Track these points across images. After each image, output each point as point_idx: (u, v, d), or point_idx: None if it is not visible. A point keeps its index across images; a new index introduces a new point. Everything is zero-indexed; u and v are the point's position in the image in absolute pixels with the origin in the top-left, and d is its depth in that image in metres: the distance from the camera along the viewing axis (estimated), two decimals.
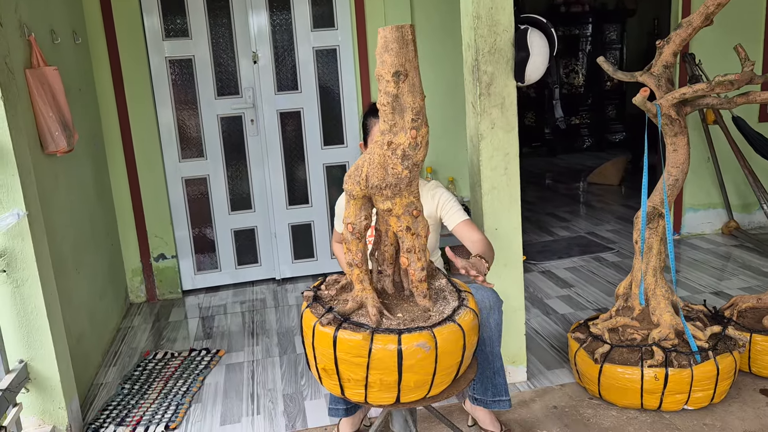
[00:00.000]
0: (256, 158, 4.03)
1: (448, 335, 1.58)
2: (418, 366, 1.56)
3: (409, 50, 1.55)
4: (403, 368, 1.55)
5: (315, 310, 1.69)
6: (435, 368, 1.59)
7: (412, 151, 1.62)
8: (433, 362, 1.57)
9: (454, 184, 4.20)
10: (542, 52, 2.39)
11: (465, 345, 1.62)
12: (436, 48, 4.06)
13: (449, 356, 1.60)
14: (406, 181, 1.64)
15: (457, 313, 1.65)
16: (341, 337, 1.56)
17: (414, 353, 1.54)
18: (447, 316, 1.64)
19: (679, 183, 2.40)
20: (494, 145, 2.44)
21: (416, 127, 1.59)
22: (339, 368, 1.60)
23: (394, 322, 1.63)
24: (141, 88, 3.76)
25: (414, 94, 1.58)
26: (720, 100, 2.31)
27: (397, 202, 1.66)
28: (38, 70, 2.56)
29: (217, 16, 3.82)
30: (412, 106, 1.59)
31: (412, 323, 1.62)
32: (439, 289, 1.79)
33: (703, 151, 4.41)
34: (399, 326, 1.60)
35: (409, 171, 1.62)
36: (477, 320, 1.67)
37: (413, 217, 1.67)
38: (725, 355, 2.33)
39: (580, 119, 8.65)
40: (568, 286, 3.77)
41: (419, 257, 1.69)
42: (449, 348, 1.59)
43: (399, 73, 1.55)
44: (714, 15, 2.19)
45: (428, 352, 1.56)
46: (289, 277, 4.20)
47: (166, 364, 3.08)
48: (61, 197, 2.80)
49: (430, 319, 1.63)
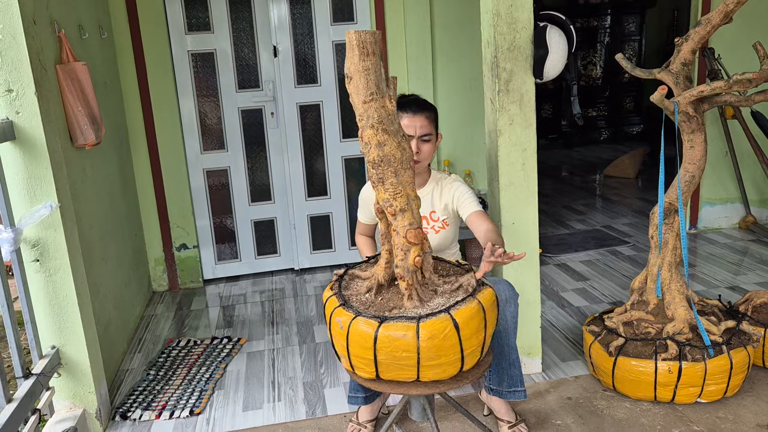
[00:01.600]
0: (275, 150, 4.09)
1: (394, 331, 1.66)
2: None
3: (354, 54, 1.65)
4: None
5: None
6: (418, 361, 1.68)
7: (364, 149, 1.72)
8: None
9: (471, 177, 4.24)
10: (561, 50, 2.42)
11: (419, 349, 1.66)
12: (456, 42, 4.09)
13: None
14: (375, 177, 1.74)
15: (423, 320, 1.67)
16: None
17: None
18: (407, 316, 1.70)
19: (695, 179, 2.42)
20: (512, 140, 2.48)
21: (362, 127, 1.70)
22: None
23: (368, 301, 1.81)
24: (164, 81, 3.84)
25: (358, 96, 1.68)
26: (738, 98, 2.32)
27: (376, 194, 1.77)
28: (68, 65, 2.63)
29: (238, 9, 3.88)
30: (356, 106, 1.69)
31: (368, 309, 1.77)
32: (457, 283, 1.84)
33: (721, 146, 4.40)
34: (362, 308, 1.76)
35: (373, 168, 1.71)
36: (451, 330, 1.67)
37: (390, 215, 1.74)
38: (739, 349, 2.36)
39: (598, 111, 8.62)
40: (584, 279, 3.80)
41: (396, 254, 1.76)
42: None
43: (347, 76, 1.70)
44: (733, 13, 2.20)
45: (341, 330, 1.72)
46: (307, 267, 4.27)
47: (189, 352, 3.17)
48: (88, 189, 2.88)
49: (396, 311, 1.75)
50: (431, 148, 2.27)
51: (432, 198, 2.33)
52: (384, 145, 1.71)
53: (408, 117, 2.23)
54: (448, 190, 2.32)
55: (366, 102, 1.70)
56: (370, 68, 1.69)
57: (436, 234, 2.32)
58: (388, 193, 1.74)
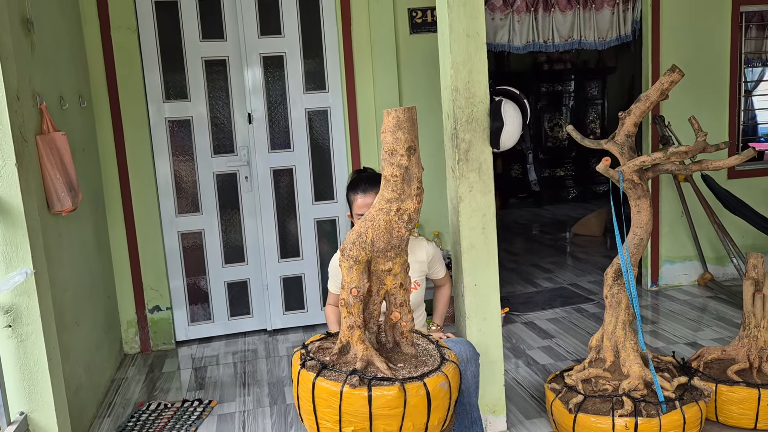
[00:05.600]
0: (249, 213, 4.20)
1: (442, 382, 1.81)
2: (442, 405, 1.80)
3: (416, 128, 1.81)
4: (432, 408, 1.77)
5: (330, 375, 1.77)
6: (450, 403, 1.84)
7: (416, 215, 1.85)
8: (448, 398, 1.82)
9: (440, 238, 4.38)
10: (515, 122, 2.60)
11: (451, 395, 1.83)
12: (422, 109, 4.26)
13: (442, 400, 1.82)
14: (406, 241, 1.87)
15: (444, 363, 1.85)
16: (377, 395, 1.70)
17: (439, 392, 1.78)
18: (438, 364, 1.84)
19: (643, 242, 2.58)
20: (473, 206, 2.63)
21: (419, 194, 1.83)
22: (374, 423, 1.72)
23: (404, 370, 1.81)
24: (141, 147, 3.96)
25: (419, 165, 1.84)
26: (678, 167, 2.51)
27: (398, 261, 1.86)
28: (48, 135, 2.74)
29: (214, 78, 4.05)
30: (417, 175, 1.83)
31: (419, 369, 1.83)
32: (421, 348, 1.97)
33: (678, 206, 4.62)
34: (413, 374, 1.80)
35: (408, 232, 1.86)
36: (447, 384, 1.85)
37: (406, 273, 1.89)
38: (691, 404, 2.47)
39: (565, 171, 8.93)
40: (550, 337, 3.91)
41: (408, 309, 1.90)
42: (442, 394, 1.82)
43: (411, 148, 1.79)
44: (668, 91, 2.41)
45: (447, 389, 1.80)
46: (280, 328, 4.32)
47: (159, 415, 3.17)
48: (63, 254, 2.95)
49: (428, 365, 1.85)
50: None
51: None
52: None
53: (360, 197, 2.40)
54: (420, 248, 2.50)
55: (421, 171, 1.85)
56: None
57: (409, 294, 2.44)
58: (405, 254, 1.95)
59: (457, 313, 2.77)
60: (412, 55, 4.28)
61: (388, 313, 1.94)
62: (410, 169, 1.82)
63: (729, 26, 4.57)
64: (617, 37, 4.56)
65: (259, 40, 4.06)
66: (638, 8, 4.51)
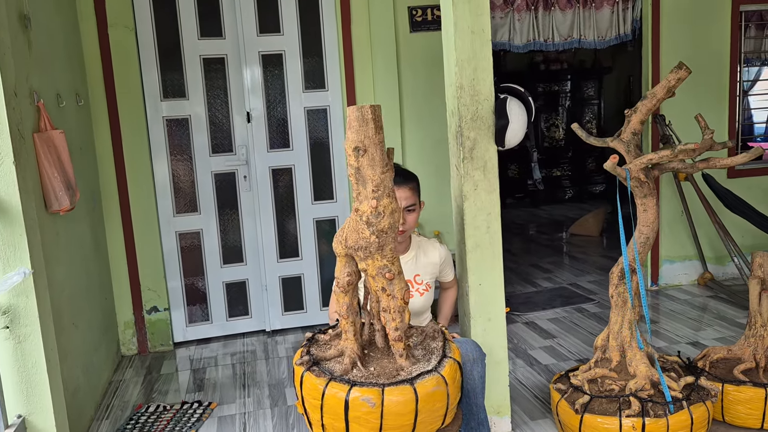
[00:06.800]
0: (248, 212, 4.16)
1: (399, 396, 1.68)
2: (363, 419, 1.68)
3: (369, 128, 1.74)
4: (349, 418, 1.69)
5: (303, 353, 1.88)
6: (381, 425, 1.69)
7: (375, 219, 1.78)
8: (378, 418, 1.68)
9: (440, 237, 4.35)
10: (520, 120, 2.58)
11: (417, 410, 1.69)
12: (423, 108, 4.28)
13: (396, 417, 1.69)
14: (376, 245, 1.79)
15: (420, 378, 1.73)
16: (305, 378, 1.77)
17: (359, 405, 1.68)
18: (406, 378, 1.74)
19: (650, 241, 2.56)
20: (477, 205, 2.60)
21: (377, 198, 1.77)
22: (305, 407, 1.80)
23: (359, 374, 1.76)
24: (138, 146, 3.91)
25: (374, 168, 1.76)
26: (684, 165, 2.49)
27: (370, 264, 1.81)
28: (45, 133, 2.70)
29: (213, 76, 4.01)
30: (372, 178, 1.76)
31: (370, 378, 1.75)
32: (430, 350, 1.92)
33: (677, 206, 4.61)
34: (361, 379, 1.74)
35: (377, 237, 1.78)
36: (443, 388, 1.74)
37: (387, 280, 1.80)
38: (698, 404, 2.45)
39: (562, 171, 8.92)
40: (551, 337, 3.88)
41: (393, 317, 1.81)
42: (397, 409, 1.68)
43: (358, 149, 1.75)
44: (675, 88, 2.39)
45: (373, 408, 1.67)
46: (279, 329, 4.28)
47: (158, 418, 3.13)
48: (60, 254, 2.90)
49: (395, 377, 1.75)
50: (416, 217, 2.39)
51: (416, 262, 2.45)
52: (394, 213, 1.81)
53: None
54: (434, 250, 2.51)
55: (384, 172, 1.78)
56: (383, 140, 1.80)
57: (420, 297, 2.42)
58: (386, 259, 1.81)
59: (462, 313, 2.74)
60: (412, 53, 4.25)
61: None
62: (361, 170, 1.77)
63: (729, 25, 4.57)
64: (617, 36, 4.55)
65: (258, 39, 4.02)
66: (638, 7, 4.50)
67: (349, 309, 1.88)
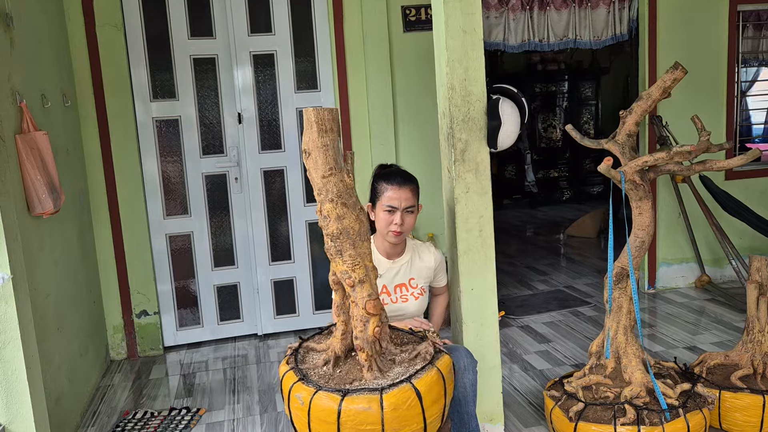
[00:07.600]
0: (239, 215, 4.10)
1: (359, 405, 1.65)
2: (324, 421, 1.70)
3: (312, 131, 1.71)
4: (311, 419, 1.72)
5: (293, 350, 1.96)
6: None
7: (323, 222, 1.74)
8: (335, 422, 1.68)
9: (434, 240, 4.29)
10: (513, 121, 2.52)
11: (384, 421, 1.65)
12: (416, 108, 4.22)
13: (354, 425, 1.67)
14: (333, 249, 1.77)
15: (386, 390, 1.67)
16: (286, 376, 1.84)
17: (319, 407, 1.70)
18: (369, 387, 1.69)
19: (645, 244, 2.51)
20: (469, 208, 2.54)
21: (320, 201, 1.74)
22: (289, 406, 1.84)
23: (328, 373, 1.81)
24: (128, 147, 3.85)
25: (317, 171, 1.73)
26: (680, 167, 2.44)
27: (335, 267, 1.78)
28: (28, 135, 2.64)
29: (203, 76, 3.95)
30: (316, 182, 1.73)
31: (331, 382, 1.77)
32: (416, 354, 1.86)
33: (675, 208, 4.56)
34: (326, 381, 1.77)
35: (331, 241, 1.74)
36: (414, 399, 1.68)
37: (349, 287, 1.76)
38: (695, 412, 2.39)
39: (559, 172, 8.87)
40: (546, 342, 3.83)
41: (356, 326, 1.76)
42: (360, 417, 1.66)
43: (305, 151, 1.75)
44: (671, 89, 2.34)
45: (302, 406, 1.72)
46: (271, 332, 4.22)
47: (145, 425, 3.07)
48: (45, 258, 2.84)
49: (350, 385, 1.75)
50: (414, 219, 2.34)
51: (411, 265, 2.40)
52: (343, 219, 1.74)
53: (393, 189, 2.29)
54: (429, 254, 2.46)
55: (325, 177, 1.74)
56: (329, 144, 1.74)
57: (416, 300, 2.38)
58: (347, 265, 1.76)
59: (453, 319, 2.68)
60: (405, 53, 4.20)
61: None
62: (310, 171, 1.77)
63: (726, 25, 4.52)
64: (613, 36, 4.49)
65: (249, 38, 3.97)
66: (634, 7, 4.44)
67: (340, 308, 1.84)
